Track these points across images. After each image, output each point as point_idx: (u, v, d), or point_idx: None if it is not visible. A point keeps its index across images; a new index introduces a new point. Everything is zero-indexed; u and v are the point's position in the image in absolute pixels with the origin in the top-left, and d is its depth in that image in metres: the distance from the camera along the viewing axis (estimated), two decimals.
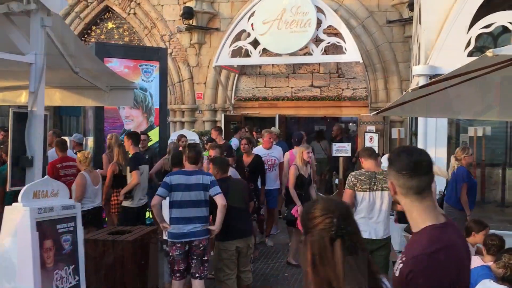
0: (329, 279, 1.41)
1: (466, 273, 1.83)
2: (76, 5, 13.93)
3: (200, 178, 4.68)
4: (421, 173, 1.81)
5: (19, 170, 3.71)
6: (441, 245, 1.76)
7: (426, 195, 1.82)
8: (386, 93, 11.90)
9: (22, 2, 3.63)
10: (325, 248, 1.43)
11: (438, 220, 1.82)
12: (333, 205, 1.51)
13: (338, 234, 1.43)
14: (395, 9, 11.69)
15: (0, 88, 6.03)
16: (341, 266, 1.39)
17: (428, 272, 1.68)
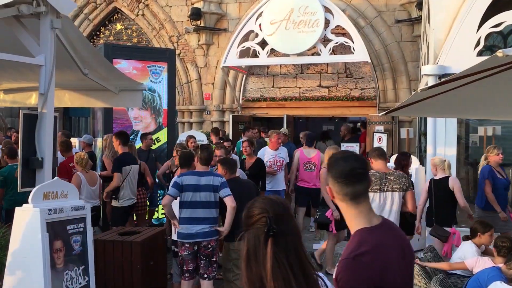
0: (260, 275, 1.47)
1: (397, 272, 1.85)
2: (85, 7, 14.02)
3: (211, 180, 4.69)
4: (355, 181, 1.87)
5: (29, 172, 3.74)
6: (367, 248, 1.80)
7: (361, 201, 1.90)
8: (394, 93, 11.84)
9: (32, 5, 3.66)
10: (259, 245, 1.50)
11: (371, 223, 1.89)
12: (269, 205, 1.57)
13: (271, 232, 1.49)
14: (404, 9, 11.63)
15: (11, 89, 6.10)
16: (270, 263, 1.45)
17: (352, 274, 1.73)
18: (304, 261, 1.55)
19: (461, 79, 2.84)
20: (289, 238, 1.54)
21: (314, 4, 10.38)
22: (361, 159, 1.96)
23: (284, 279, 1.46)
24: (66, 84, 5.67)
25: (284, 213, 1.58)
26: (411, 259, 1.99)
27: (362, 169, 1.91)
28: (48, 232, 3.20)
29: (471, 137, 10.00)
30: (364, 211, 1.91)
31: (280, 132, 8.18)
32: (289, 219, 1.60)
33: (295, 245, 1.54)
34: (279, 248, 1.49)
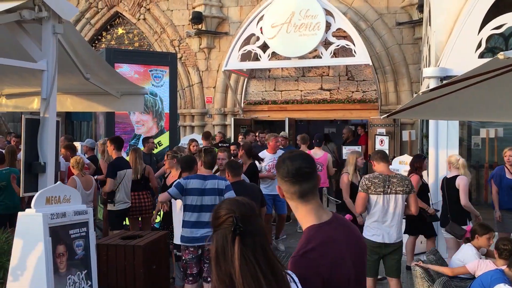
0: (229, 272, 1.55)
1: (349, 266, 1.90)
2: (87, 12, 14.07)
3: (215, 183, 4.68)
4: (302, 179, 1.91)
5: (31, 176, 3.74)
6: (315, 244, 1.85)
7: (310, 199, 1.93)
8: (396, 95, 11.84)
9: (34, 10, 3.67)
10: (226, 244, 1.58)
11: (320, 220, 1.93)
12: (236, 206, 1.65)
13: (237, 232, 1.56)
14: (405, 11, 11.64)
15: (13, 94, 6.12)
16: (238, 261, 1.53)
17: (301, 271, 1.77)
18: (272, 259, 1.61)
19: (463, 82, 2.84)
20: (256, 237, 1.60)
21: (315, 7, 10.40)
22: (308, 159, 1.98)
23: (252, 275, 1.53)
24: (68, 89, 5.68)
25: (250, 213, 1.65)
26: (363, 253, 2.04)
27: (309, 168, 1.94)
28: (51, 237, 3.20)
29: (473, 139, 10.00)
30: (313, 209, 1.95)
31: (278, 135, 8.11)
32: (255, 219, 1.66)
33: (261, 244, 1.60)
34: (246, 246, 1.56)
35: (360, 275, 1.99)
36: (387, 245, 4.68)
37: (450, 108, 4.45)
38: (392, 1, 11.74)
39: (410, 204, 4.73)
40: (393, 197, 4.64)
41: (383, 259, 4.79)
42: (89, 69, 4.90)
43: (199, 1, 12.81)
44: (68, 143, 7.57)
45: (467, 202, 5.81)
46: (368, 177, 4.78)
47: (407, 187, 4.69)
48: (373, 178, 4.71)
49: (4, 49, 4.40)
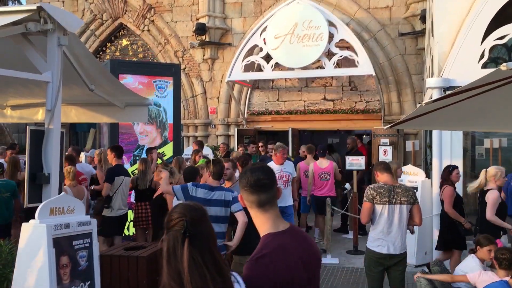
0: (179, 270, 1.67)
1: (296, 273, 2.01)
2: (92, 23, 14.19)
3: (222, 194, 4.65)
4: (260, 190, 2.05)
5: (36, 187, 3.75)
6: (268, 250, 1.98)
7: (268, 208, 2.08)
8: (399, 105, 11.85)
9: (39, 22, 3.70)
10: (177, 245, 1.70)
11: (277, 229, 2.07)
12: (187, 210, 1.78)
13: (187, 234, 1.70)
14: (407, 22, 11.69)
15: (18, 105, 6.15)
16: (187, 261, 1.66)
17: (254, 275, 1.91)
18: (218, 260, 1.75)
19: (466, 92, 2.85)
20: (204, 240, 1.74)
21: (318, 19, 10.46)
22: (268, 172, 2.12)
23: (200, 274, 1.66)
24: (73, 100, 5.71)
25: (200, 217, 1.79)
26: (316, 264, 2.17)
27: (267, 180, 2.07)
28: (55, 248, 3.20)
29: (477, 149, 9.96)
30: (270, 218, 2.09)
31: (286, 147, 7.97)
32: (205, 223, 1.80)
33: (209, 246, 1.74)
34: (195, 247, 1.70)
35: (312, 284, 2.11)
36: (392, 256, 4.65)
37: (454, 119, 4.45)
38: (395, 12, 11.80)
39: (414, 215, 4.71)
40: (398, 207, 4.62)
41: (387, 270, 4.75)
42: (93, 80, 4.93)
43: (202, 13, 12.91)
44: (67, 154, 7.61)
45: (492, 215, 5.68)
46: (373, 187, 4.77)
47: (411, 198, 4.67)
48: (378, 188, 4.70)
49: (9, 61, 4.43)
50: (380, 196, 4.63)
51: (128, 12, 13.89)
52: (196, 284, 1.64)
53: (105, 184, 6.62)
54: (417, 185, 7.30)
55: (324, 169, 8.40)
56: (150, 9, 13.66)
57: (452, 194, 6.06)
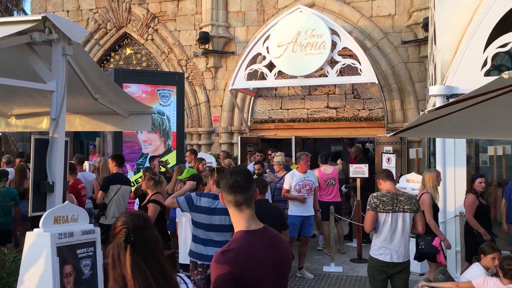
0: (123, 274, 1.80)
1: (261, 270, 2.18)
2: (96, 33, 14.29)
3: None
4: (237, 191, 2.27)
5: (40, 196, 3.76)
6: (235, 246, 2.19)
7: (244, 208, 2.29)
8: (402, 113, 11.85)
9: (44, 32, 3.73)
10: (121, 250, 1.83)
11: (249, 228, 2.28)
12: (130, 218, 1.91)
13: (128, 241, 1.82)
14: (410, 30, 11.72)
15: (22, 115, 6.19)
16: (129, 266, 1.79)
17: (218, 266, 2.12)
18: (162, 263, 1.87)
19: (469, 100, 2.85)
20: (147, 245, 1.87)
21: (320, 27, 10.50)
22: (245, 174, 2.34)
23: (143, 277, 1.78)
24: (77, 109, 5.74)
25: (143, 224, 1.91)
26: (285, 264, 2.34)
27: (244, 182, 2.29)
28: (58, 257, 3.20)
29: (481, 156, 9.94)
30: (245, 217, 2.30)
31: (308, 154, 7.72)
32: (148, 229, 1.92)
33: (152, 250, 1.87)
34: (138, 253, 1.83)
35: (278, 283, 2.28)
36: (395, 264, 4.63)
37: (457, 126, 4.45)
38: (398, 20, 11.84)
39: (417, 223, 4.70)
40: (401, 216, 4.61)
41: (390, 278, 4.74)
42: (97, 89, 4.95)
43: (206, 22, 12.98)
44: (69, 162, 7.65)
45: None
46: (376, 195, 4.76)
47: (414, 206, 4.67)
48: (381, 196, 4.69)
49: (14, 70, 4.47)
50: (383, 204, 4.62)
51: (132, 21, 13.99)
52: (140, 286, 1.77)
53: (99, 192, 6.70)
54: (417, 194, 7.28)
55: (329, 175, 8.49)
56: (153, 18, 13.75)
57: (473, 203, 6.02)
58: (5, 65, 4.41)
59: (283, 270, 2.33)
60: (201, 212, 4.54)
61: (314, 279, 7.08)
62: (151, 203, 5.76)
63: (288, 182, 7.30)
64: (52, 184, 3.71)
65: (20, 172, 7.11)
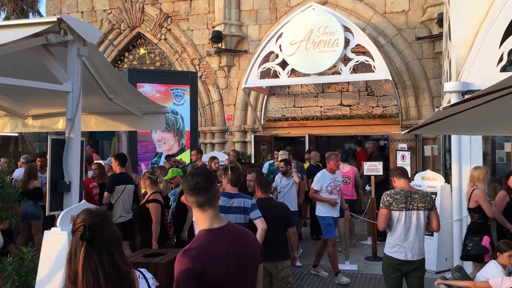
0: (76, 272, 1.85)
1: (224, 266, 2.26)
2: (110, 33, 14.41)
3: (241, 202, 4.61)
4: (198, 192, 2.34)
5: (57, 195, 3.82)
6: (197, 244, 2.27)
7: (206, 208, 2.36)
8: (417, 110, 11.75)
9: (60, 34, 3.78)
10: (78, 247, 1.88)
11: (211, 226, 2.35)
12: (88, 216, 1.94)
13: (84, 238, 1.86)
14: (424, 26, 11.61)
15: (39, 115, 6.28)
16: (81, 262, 1.84)
17: (180, 264, 2.20)
18: (117, 260, 1.92)
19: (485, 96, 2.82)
20: (104, 243, 1.90)
21: (333, 24, 10.45)
22: (206, 176, 2.41)
23: (93, 274, 1.83)
24: (92, 109, 5.80)
25: (100, 222, 1.94)
26: (249, 260, 2.40)
27: (204, 183, 2.36)
28: None
29: (498, 153, 9.81)
30: (208, 217, 2.37)
31: (338, 154, 7.47)
32: (106, 227, 1.95)
33: (109, 249, 1.90)
34: (94, 250, 1.87)
35: (244, 278, 2.35)
36: (409, 262, 4.60)
37: (473, 123, 4.40)
38: (411, 16, 11.74)
39: (432, 220, 4.66)
40: (415, 214, 4.58)
41: (405, 276, 4.70)
42: (112, 89, 5.00)
43: (218, 21, 13.01)
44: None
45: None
46: (389, 193, 4.73)
47: (428, 204, 4.62)
48: (394, 194, 4.66)
49: (30, 72, 4.54)
50: (397, 202, 4.59)
51: (145, 21, 14.08)
52: (88, 283, 1.82)
53: (105, 193, 6.73)
54: (436, 191, 7.23)
55: (345, 173, 8.52)
56: (166, 18, 13.82)
57: (503, 199, 5.96)
58: (21, 66, 4.48)
59: (250, 265, 2.41)
60: None
61: (328, 277, 7.06)
62: (152, 203, 5.80)
63: (319, 183, 6.99)
64: (69, 184, 3.76)
65: (27, 173, 7.21)
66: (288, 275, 5.07)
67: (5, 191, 3.46)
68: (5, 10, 23.07)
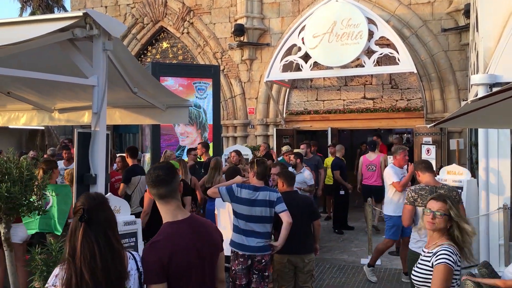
0: (75, 248, 2.11)
1: (188, 256, 2.39)
2: (133, 27, 14.53)
3: (267, 195, 4.62)
4: (159, 185, 2.44)
5: (84, 187, 3.88)
6: (162, 236, 2.39)
7: (168, 201, 2.47)
8: (442, 103, 11.55)
9: (86, 28, 3.82)
10: (77, 227, 2.13)
11: (175, 218, 2.46)
12: (87, 200, 2.19)
13: (83, 220, 2.11)
14: (450, 17, 11.37)
15: (65, 109, 6.38)
16: (80, 240, 2.10)
17: (147, 256, 2.33)
18: (111, 240, 2.15)
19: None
20: (100, 224, 2.15)
21: (357, 16, 10.33)
22: (167, 169, 2.52)
23: (90, 251, 2.09)
24: (117, 103, 5.87)
25: (97, 206, 2.18)
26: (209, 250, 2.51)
27: (165, 176, 2.46)
28: None
29: None
30: (170, 209, 2.47)
31: (406, 148, 7.00)
32: (102, 211, 2.19)
33: (104, 229, 2.15)
34: (91, 230, 2.12)
35: (205, 268, 2.47)
36: None
37: (501, 116, 4.30)
38: (437, 7, 11.51)
39: None
40: None
41: None
42: (136, 83, 5.05)
43: (241, 14, 12.99)
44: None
45: None
46: (414, 188, 4.66)
47: (454, 198, 4.54)
48: (419, 190, 4.59)
49: (55, 66, 4.60)
50: (422, 198, 4.51)
51: (168, 15, 14.15)
52: (85, 258, 2.08)
53: (121, 184, 6.93)
54: (462, 185, 7.10)
55: (372, 161, 9.34)
56: (189, 12, 13.87)
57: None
58: (46, 61, 4.55)
59: (211, 254, 2.53)
60: (242, 203, 4.61)
61: (352, 272, 7.03)
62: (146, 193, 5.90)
63: (397, 175, 6.51)
64: (95, 176, 3.81)
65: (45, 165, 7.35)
66: (313, 268, 5.08)
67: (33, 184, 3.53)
68: (31, 5, 23.47)
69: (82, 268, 2.09)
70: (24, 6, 23.65)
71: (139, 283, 2.27)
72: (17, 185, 3.35)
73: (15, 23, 3.91)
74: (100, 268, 2.09)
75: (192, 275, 2.40)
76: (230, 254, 4.75)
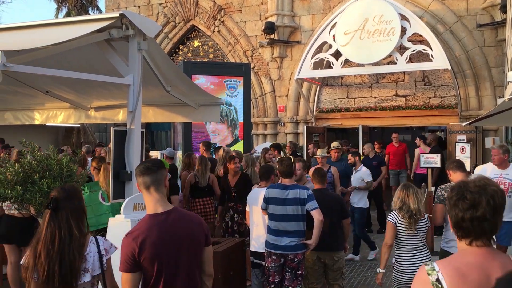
0: (41, 230, 2.49)
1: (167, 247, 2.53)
2: (165, 26, 14.74)
3: (297, 193, 4.64)
4: (145, 173, 2.61)
5: (119, 184, 3.99)
6: (139, 228, 2.55)
7: (152, 191, 2.61)
8: (478, 100, 11.27)
9: (122, 29, 3.93)
10: (45, 214, 2.51)
11: (155, 211, 2.59)
12: (58, 191, 2.56)
13: (49, 207, 2.48)
14: (486, 12, 11.08)
15: (101, 107, 6.55)
16: (45, 225, 2.49)
17: (123, 245, 2.51)
18: (72, 227, 2.49)
19: None
20: (65, 212, 2.49)
21: (389, 13, 10.19)
22: (155, 161, 2.82)
23: (51, 234, 2.45)
24: (150, 101, 5.99)
25: (65, 196, 2.53)
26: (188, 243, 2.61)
27: (152, 166, 2.65)
28: None
29: None
30: (153, 200, 2.61)
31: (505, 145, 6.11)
32: (70, 201, 2.53)
33: (67, 216, 2.49)
34: (57, 217, 2.48)
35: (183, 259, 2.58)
36: None
37: None
38: (472, 2, 11.23)
39: None
40: None
41: None
42: (169, 82, 5.15)
43: (271, 12, 13.00)
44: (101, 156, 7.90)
45: None
46: (444, 187, 4.59)
47: None
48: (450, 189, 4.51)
49: (92, 66, 4.75)
50: None
51: (199, 14, 14.29)
52: (46, 240, 2.43)
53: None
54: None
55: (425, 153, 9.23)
56: (220, 10, 13.96)
57: None
58: (82, 60, 4.69)
59: (190, 248, 2.62)
60: (272, 203, 4.68)
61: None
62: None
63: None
64: (130, 173, 3.92)
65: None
66: (343, 266, 5.07)
67: (72, 180, 3.66)
68: (66, 6, 24.06)
69: (41, 250, 2.42)
70: (60, 6, 24.25)
71: (100, 263, 2.55)
72: (58, 181, 3.48)
73: (54, 24, 4.06)
74: (56, 250, 2.42)
75: (165, 267, 2.52)
76: (264, 251, 4.80)
